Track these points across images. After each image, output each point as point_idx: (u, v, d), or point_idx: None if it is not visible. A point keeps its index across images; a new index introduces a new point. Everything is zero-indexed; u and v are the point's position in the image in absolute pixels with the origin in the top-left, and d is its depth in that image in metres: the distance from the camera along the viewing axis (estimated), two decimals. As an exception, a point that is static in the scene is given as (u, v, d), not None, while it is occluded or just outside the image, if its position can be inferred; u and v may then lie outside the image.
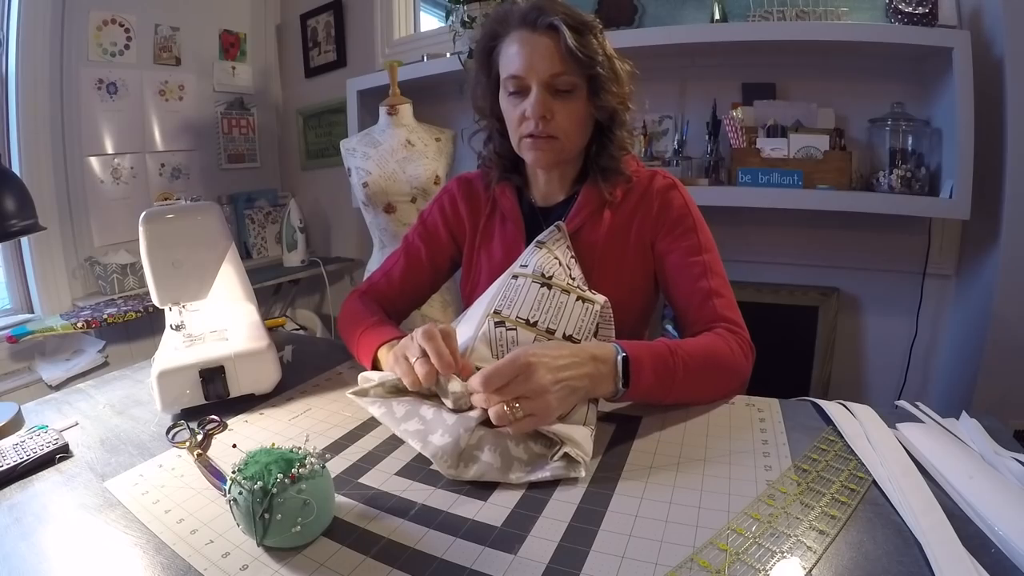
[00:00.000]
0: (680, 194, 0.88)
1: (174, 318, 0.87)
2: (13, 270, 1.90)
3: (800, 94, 1.62)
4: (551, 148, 0.81)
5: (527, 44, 0.78)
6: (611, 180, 0.87)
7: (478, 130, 0.94)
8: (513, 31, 0.80)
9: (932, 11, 1.41)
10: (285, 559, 0.48)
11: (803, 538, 0.47)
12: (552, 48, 0.77)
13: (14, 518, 0.55)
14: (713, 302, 0.80)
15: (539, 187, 0.93)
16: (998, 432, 0.62)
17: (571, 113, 0.80)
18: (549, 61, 0.77)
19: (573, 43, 0.75)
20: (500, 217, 0.94)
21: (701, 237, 0.85)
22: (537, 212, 0.93)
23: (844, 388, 1.70)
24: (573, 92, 0.79)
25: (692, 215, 0.86)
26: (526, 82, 0.79)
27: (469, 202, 0.97)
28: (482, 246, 0.95)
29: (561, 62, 0.77)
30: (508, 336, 0.72)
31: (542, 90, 0.78)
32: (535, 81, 0.78)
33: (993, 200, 1.38)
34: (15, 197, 0.86)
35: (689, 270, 0.83)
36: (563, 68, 0.77)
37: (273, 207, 2.59)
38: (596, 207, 0.87)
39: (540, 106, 0.78)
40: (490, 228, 0.95)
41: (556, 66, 0.77)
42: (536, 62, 0.77)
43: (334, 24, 2.44)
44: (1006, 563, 0.44)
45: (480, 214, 0.96)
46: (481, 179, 0.98)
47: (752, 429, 0.67)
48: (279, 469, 0.48)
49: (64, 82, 1.92)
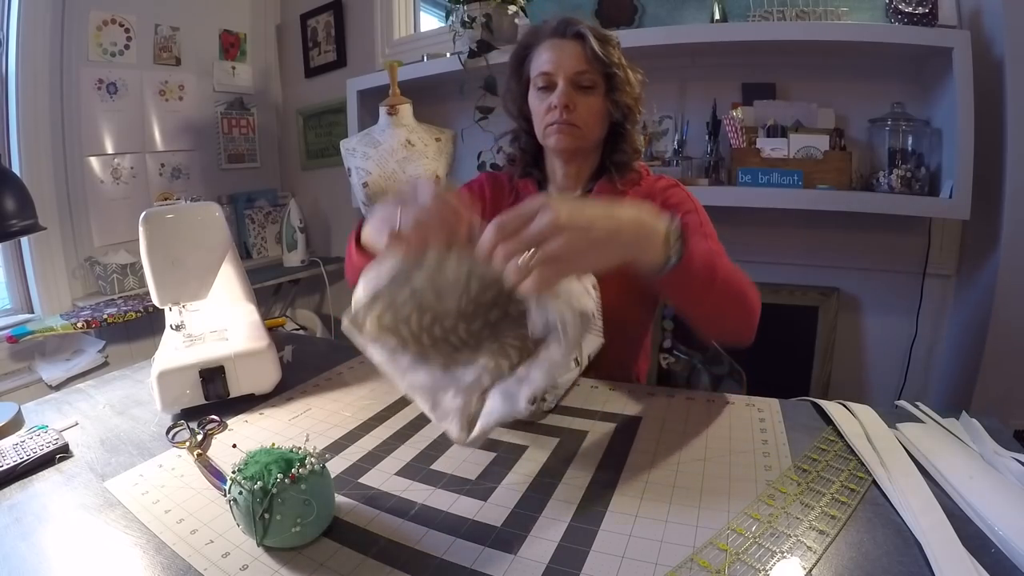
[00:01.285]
0: (681, 189, 0.98)
1: (174, 318, 0.87)
2: (13, 270, 1.90)
3: (800, 94, 1.62)
4: (572, 134, 0.92)
5: (557, 48, 0.92)
6: (624, 175, 0.97)
7: (502, 136, 1.08)
8: (545, 39, 0.94)
9: (932, 11, 1.41)
10: (285, 559, 0.48)
11: (803, 538, 0.47)
12: (578, 51, 0.90)
13: (14, 518, 0.55)
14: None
15: (557, 182, 1.01)
16: (998, 432, 0.62)
17: (591, 106, 0.92)
18: (575, 60, 0.90)
19: (598, 47, 0.89)
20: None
21: (701, 217, 0.93)
22: None
23: (844, 388, 1.70)
24: (594, 89, 0.91)
25: (692, 201, 0.96)
26: (554, 78, 0.91)
27: (494, 192, 1.07)
28: None
29: (586, 62, 0.90)
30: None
31: (567, 84, 0.90)
32: (562, 76, 0.90)
33: (993, 200, 1.38)
34: (15, 197, 0.86)
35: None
36: (587, 67, 0.90)
37: (273, 207, 2.59)
38: (616, 194, 0.95)
39: (565, 96, 0.90)
40: None
41: (581, 65, 0.90)
42: (564, 61, 0.91)
43: (334, 24, 2.44)
44: (1006, 563, 0.44)
45: (503, 203, 1.04)
46: (506, 175, 1.08)
47: (752, 429, 0.67)
48: (279, 469, 0.48)
49: (64, 82, 1.92)
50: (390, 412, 0.76)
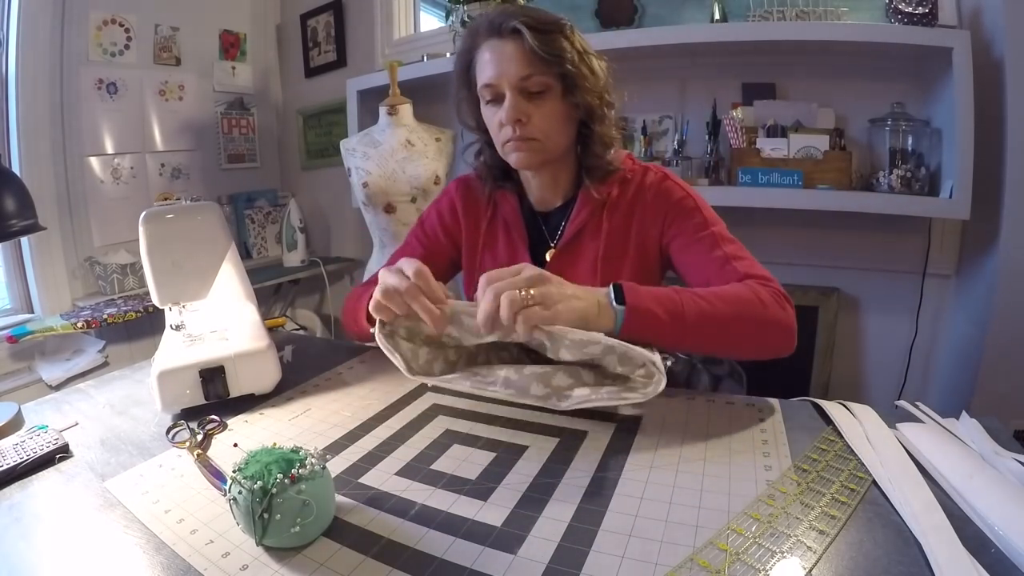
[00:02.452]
0: (673, 182, 0.88)
1: (174, 318, 0.87)
2: (13, 270, 1.90)
3: (800, 94, 1.62)
4: (531, 149, 0.82)
5: (496, 51, 0.80)
6: (599, 178, 0.87)
7: (471, 143, 0.96)
8: (483, 41, 0.82)
9: (932, 11, 1.41)
10: (285, 559, 0.48)
11: (803, 538, 0.47)
12: (518, 51, 0.78)
13: (14, 518, 0.55)
14: (732, 265, 0.79)
15: (533, 193, 0.93)
16: (998, 432, 0.62)
17: (547, 113, 0.81)
18: (517, 64, 0.78)
19: (535, 44, 0.76)
20: (503, 222, 0.94)
21: (705, 214, 0.85)
22: (537, 217, 0.93)
23: (844, 388, 1.70)
24: (546, 93, 0.80)
25: (691, 196, 0.86)
26: (499, 89, 0.80)
27: (468, 206, 0.98)
28: (485, 251, 0.95)
29: (528, 64, 0.78)
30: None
31: (515, 94, 0.79)
32: (507, 86, 0.79)
33: (993, 200, 1.38)
34: (15, 197, 0.86)
35: (699, 245, 0.83)
36: (531, 70, 0.78)
37: (273, 207, 2.59)
38: (594, 209, 0.88)
39: (514, 110, 0.79)
40: (493, 233, 0.95)
41: (524, 68, 0.78)
42: (505, 67, 0.79)
43: (334, 24, 2.44)
44: (1006, 563, 0.44)
45: (481, 217, 0.96)
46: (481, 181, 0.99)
47: (752, 429, 0.67)
48: (279, 469, 0.48)
49: (64, 82, 1.92)
50: (390, 412, 0.76)
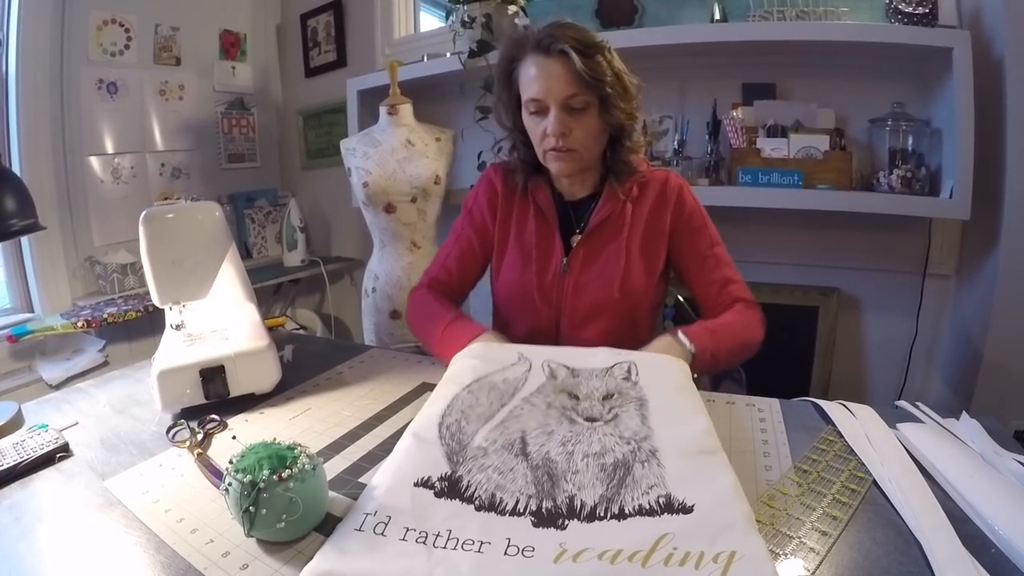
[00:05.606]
0: (691, 194, 1.00)
1: (174, 318, 0.87)
2: (13, 270, 1.90)
3: (800, 94, 1.61)
4: (571, 159, 0.91)
5: (543, 69, 0.87)
6: (624, 181, 0.97)
7: (501, 139, 1.04)
8: (529, 55, 0.89)
9: (932, 11, 1.40)
10: (285, 558, 0.48)
11: (806, 539, 0.47)
12: (565, 72, 0.85)
13: (14, 517, 0.55)
14: (729, 289, 0.96)
15: (563, 186, 1.01)
16: (998, 432, 0.62)
17: (586, 128, 0.89)
18: (564, 84, 0.86)
19: (582, 67, 0.84)
20: (536, 208, 1.00)
21: (712, 233, 0.98)
22: (568, 205, 1.01)
23: (844, 388, 1.70)
24: (587, 109, 0.88)
25: (701, 213, 0.99)
26: (545, 104, 0.88)
27: (507, 189, 1.04)
28: (516, 235, 1.02)
29: (573, 84, 0.85)
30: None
31: (559, 110, 0.87)
32: (552, 103, 0.87)
33: (993, 200, 1.38)
34: (15, 197, 0.86)
35: (706, 263, 0.98)
36: (575, 89, 0.86)
37: (273, 207, 2.59)
38: (616, 203, 0.97)
39: (559, 125, 0.87)
40: (524, 216, 1.02)
41: (570, 88, 0.86)
42: (552, 86, 0.86)
43: (334, 24, 2.44)
44: (1006, 563, 0.44)
45: (516, 201, 1.03)
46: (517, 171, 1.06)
47: (752, 429, 0.67)
48: (270, 465, 0.49)
49: (64, 82, 1.92)
50: (390, 412, 0.76)
